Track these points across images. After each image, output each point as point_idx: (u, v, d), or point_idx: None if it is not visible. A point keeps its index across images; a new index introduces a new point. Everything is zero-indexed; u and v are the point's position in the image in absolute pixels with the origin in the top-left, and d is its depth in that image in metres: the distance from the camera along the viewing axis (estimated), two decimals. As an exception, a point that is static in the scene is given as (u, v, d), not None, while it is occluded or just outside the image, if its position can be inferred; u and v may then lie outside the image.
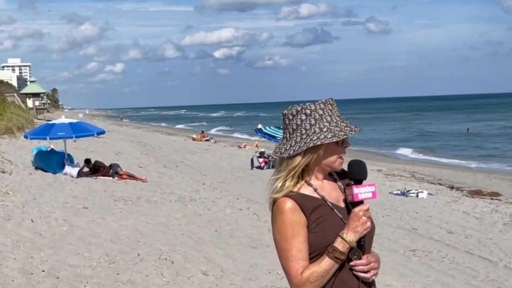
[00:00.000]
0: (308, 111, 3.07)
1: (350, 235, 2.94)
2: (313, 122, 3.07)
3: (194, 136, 45.22)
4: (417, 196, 18.11)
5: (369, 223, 2.96)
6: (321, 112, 3.07)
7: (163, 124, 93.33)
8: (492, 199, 18.88)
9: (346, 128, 3.03)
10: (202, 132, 47.73)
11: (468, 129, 62.86)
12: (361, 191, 3.01)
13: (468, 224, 14.17)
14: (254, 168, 24.59)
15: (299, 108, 3.09)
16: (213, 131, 69.97)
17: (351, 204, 3.02)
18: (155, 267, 8.49)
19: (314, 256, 2.99)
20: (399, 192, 18.66)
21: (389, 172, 24.94)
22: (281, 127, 3.21)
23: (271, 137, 26.45)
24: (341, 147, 3.07)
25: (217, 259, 9.80)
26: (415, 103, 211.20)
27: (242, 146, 36.45)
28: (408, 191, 18.67)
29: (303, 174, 3.10)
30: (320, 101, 3.12)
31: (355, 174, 3.08)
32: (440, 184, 22.20)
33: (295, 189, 3.05)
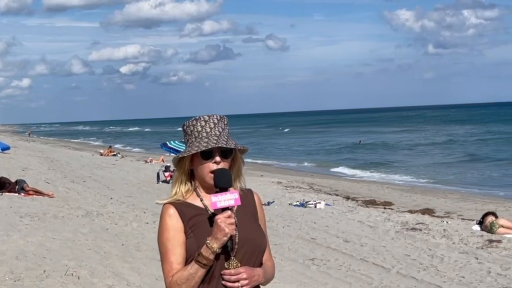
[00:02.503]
0: (191, 127, 3.17)
1: (212, 242, 2.96)
2: (188, 136, 3.18)
3: (102, 151, 44.49)
4: (315, 206, 18.27)
5: (227, 230, 2.95)
6: (199, 128, 3.15)
7: (71, 139, 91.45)
8: (385, 208, 19.27)
9: (209, 143, 3.08)
10: (110, 147, 47.02)
11: (360, 141, 64.06)
12: (220, 199, 3.01)
13: (363, 233, 14.39)
14: (160, 182, 24.34)
15: (187, 123, 3.20)
16: (120, 146, 69.03)
17: (216, 212, 3.02)
18: (61, 283, 8.25)
19: (190, 261, 3.03)
20: (298, 203, 18.80)
21: (289, 184, 25.14)
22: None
23: (176, 152, 26.25)
24: (210, 161, 3.10)
25: (123, 273, 9.61)
26: (314, 117, 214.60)
27: (148, 160, 36.08)
28: (307, 202, 18.83)
29: (195, 184, 3.19)
30: (202, 117, 3.19)
31: (218, 183, 3.07)
32: (337, 195, 22.52)
33: (185, 197, 3.16)
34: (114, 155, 41.49)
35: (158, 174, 25.18)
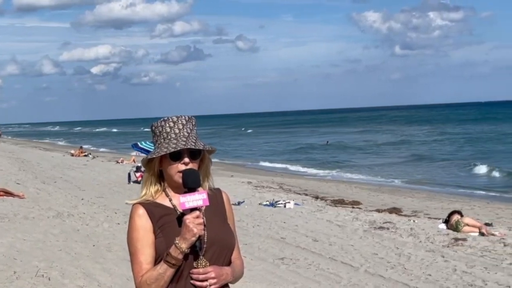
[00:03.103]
0: (160, 128, 3.17)
1: (181, 242, 2.96)
2: (157, 137, 3.18)
3: (73, 151, 44.09)
4: (285, 206, 18.29)
5: (196, 230, 2.96)
6: (168, 129, 3.16)
7: (42, 140, 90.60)
8: (353, 207, 19.35)
9: (178, 144, 3.08)
10: (81, 147, 46.64)
11: (327, 141, 64.24)
12: (188, 200, 3.02)
13: (331, 232, 14.44)
14: (131, 182, 24.21)
15: (155, 124, 3.20)
16: (91, 146, 68.52)
17: (185, 212, 3.03)
18: (31, 284, 8.17)
19: (159, 261, 3.03)
20: (268, 203, 18.81)
21: (259, 184, 25.14)
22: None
23: (146, 152, 25.94)
24: (179, 162, 3.11)
25: (94, 273, 9.55)
26: (282, 117, 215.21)
27: (119, 161, 35.85)
28: (277, 201, 18.83)
29: (164, 184, 3.19)
30: (171, 118, 3.20)
31: (186, 183, 3.07)
32: (306, 195, 22.57)
33: (154, 197, 3.16)
34: (85, 155, 41.18)
35: (129, 174, 25.03)
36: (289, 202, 18.64)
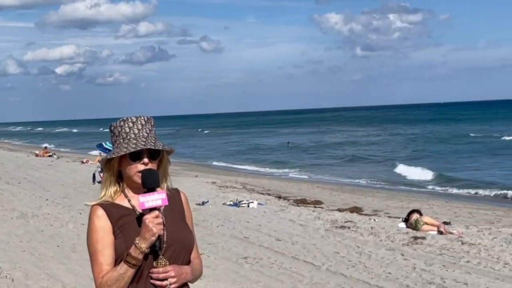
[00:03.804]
0: (119, 128, 3.14)
1: (141, 242, 2.94)
2: (116, 137, 3.15)
3: (37, 152, 43.59)
4: (248, 206, 18.28)
5: (155, 230, 2.94)
6: (127, 129, 3.13)
7: (5, 140, 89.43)
8: (315, 207, 19.41)
9: (138, 145, 3.06)
10: (45, 147, 46.13)
11: (288, 142, 64.44)
12: (147, 199, 3.00)
13: (294, 231, 14.46)
14: (96, 183, 23.98)
15: (114, 124, 3.17)
16: (56, 146, 67.81)
17: (144, 212, 3.01)
18: (-5, 286, 8.04)
19: (119, 261, 3.01)
20: (231, 203, 18.78)
21: (223, 184, 25.11)
22: None
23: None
24: (138, 162, 3.09)
25: (58, 274, 9.44)
26: (247, 118, 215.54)
27: (85, 161, 35.53)
28: (240, 201, 18.82)
29: (123, 185, 3.17)
30: (130, 118, 3.18)
31: (145, 183, 3.05)
32: (269, 194, 22.58)
33: (114, 198, 3.13)
34: (49, 156, 40.72)
35: (94, 174, 24.80)
36: (252, 202, 18.63)
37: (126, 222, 3.07)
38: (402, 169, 35.35)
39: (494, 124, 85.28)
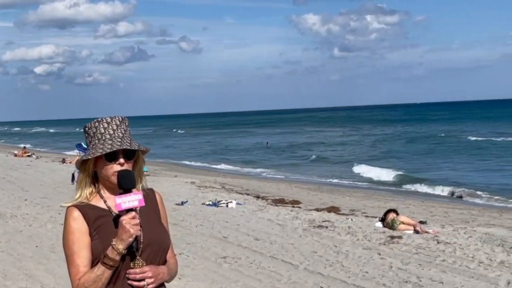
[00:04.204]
0: (94, 129, 3.11)
1: (118, 243, 2.92)
2: (91, 138, 3.12)
3: (16, 152, 43.21)
4: (227, 206, 18.27)
5: (132, 231, 2.92)
6: (102, 130, 3.10)
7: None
8: (293, 206, 19.43)
9: (113, 145, 3.04)
10: (24, 147, 45.77)
11: (267, 143, 64.49)
12: (124, 201, 2.98)
13: (272, 231, 14.47)
14: (75, 183, 23.80)
15: (89, 125, 3.14)
16: (35, 146, 67.28)
17: (121, 213, 2.99)
18: (-27, 286, 7.96)
19: (96, 263, 2.98)
20: (210, 202, 18.74)
21: (202, 184, 25.06)
22: None
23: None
24: (114, 162, 3.06)
25: (37, 274, 9.36)
26: (226, 118, 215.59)
27: (67, 161, 35.29)
28: (219, 201, 18.80)
29: (99, 186, 3.14)
30: (104, 119, 3.15)
31: (122, 184, 3.03)
32: (248, 194, 22.57)
33: (89, 199, 3.10)
34: (28, 156, 40.39)
35: (73, 174, 24.62)
36: (231, 202, 18.62)
37: (102, 223, 3.05)
38: (361, 169, 35.98)
39: (463, 124, 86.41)
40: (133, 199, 2.98)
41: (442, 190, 26.32)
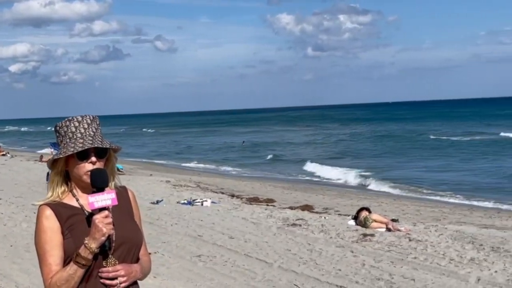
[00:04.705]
0: (65, 128, 3.09)
1: (91, 242, 2.90)
2: (62, 137, 3.09)
3: (-10, 151, 42.72)
4: (202, 204, 18.22)
5: (105, 230, 2.90)
6: (73, 129, 3.08)
7: None
8: (267, 205, 19.43)
9: (85, 144, 3.01)
10: (-1, 147, 45.26)
11: (243, 141, 64.49)
12: (97, 199, 2.95)
13: (247, 229, 14.46)
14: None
15: (60, 124, 3.11)
16: (9, 145, 66.55)
17: (94, 212, 2.97)
18: None
19: (69, 261, 2.95)
20: (186, 201, 18.68)
21: (177, 183, 24.96)
22: None
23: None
24: (85, 161, 3.04)
25: (12, 274, 9.26)
26: (203, 117, 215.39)
27: (40, 159, 34.95)
28: (194, 200, 18.74)
29: (71, 185, 3.11)
30: (75, 118, 3.13)
31: (95, 183, 3.01)
32: (222, 193, 22.53)
33: (61, 198, 3.07)
34: (3, 154, 39.93)
35: (48, 173, 24.33)
36: (206, 201, 18.57)
37: (75, 222, 3.02)
38: (312, 167, 36.56)
39: (429, 123, 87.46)
40: (106, 198, 2.96)
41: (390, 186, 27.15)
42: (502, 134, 56.91)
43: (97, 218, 2.91)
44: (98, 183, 2.99)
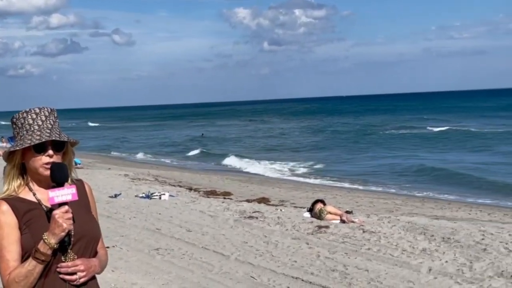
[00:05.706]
0: (22, 120, 3.00)
1: (50, 237, 2.84)
2: (19, 129, 3.01)
3: None
4: (160, 198, 18.11)
5: (65, 225, 2.84)
6: (30, 121, 2.99)
7: None
8: (224, 198, 19.41)
9: (42, 136, 2.94)
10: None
11: (202, 134, 64.43)
12: (57, 194, 2.89)
13: (204, 222, 14.41)
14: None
15: (17, 115, 3.02)
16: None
17: (53, 207, 2.90)
18: None
19: (27, 257, 2.88)
20: (144, 195, 18.54)
21: (135, 177, 24.77)
22: None
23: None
24: (42, 154, 2.96)
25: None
26: (160, 110, 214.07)
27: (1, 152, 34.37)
28: (152, 193, 18.61)
29: (27, 178, 3.03)
30: (33, 110, 3.04)
31: (55, 177, 2.94)
32: (180, 186, 22.45)
33: (18, 192, 2.99)
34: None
35: (5, 167, 24.00)
36: (164, 194, 18.46)
37: (32, 217, 2.95)
38: (230, 161, 37.34)
39: (369, 117, 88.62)
40: (67, 193, 2.89)
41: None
42: (428, 128, 59.46)
43: (57, 213, 2.84)
44: (58, 178, 2.92)
